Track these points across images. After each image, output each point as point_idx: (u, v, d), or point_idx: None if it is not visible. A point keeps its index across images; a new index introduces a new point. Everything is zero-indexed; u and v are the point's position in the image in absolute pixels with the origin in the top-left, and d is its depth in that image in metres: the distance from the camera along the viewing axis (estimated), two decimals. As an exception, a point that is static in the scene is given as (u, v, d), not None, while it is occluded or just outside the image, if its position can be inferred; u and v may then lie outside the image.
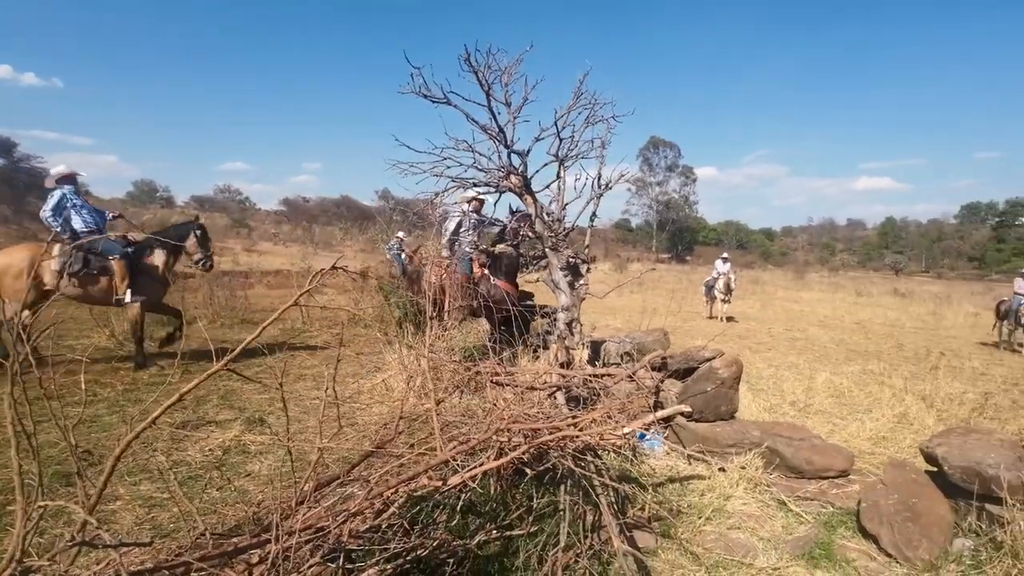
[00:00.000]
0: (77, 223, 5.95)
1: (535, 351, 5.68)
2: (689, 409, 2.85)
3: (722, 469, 3.40)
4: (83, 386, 1.96)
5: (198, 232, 6.51)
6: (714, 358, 3.77)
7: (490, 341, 3.82)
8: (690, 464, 3.60)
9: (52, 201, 5.84)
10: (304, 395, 5.20)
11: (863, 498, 2.89)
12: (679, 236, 52.41)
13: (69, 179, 6.03)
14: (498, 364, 3.31)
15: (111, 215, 6.54)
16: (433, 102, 3.42)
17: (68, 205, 5.93)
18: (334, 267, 1.68)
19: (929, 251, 56.25)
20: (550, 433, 2.40)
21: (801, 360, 8.40)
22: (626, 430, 2.75)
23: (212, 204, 49.76)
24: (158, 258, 6.30)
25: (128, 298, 5.96)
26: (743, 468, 3.36)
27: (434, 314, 5.26)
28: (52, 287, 5.75)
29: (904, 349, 10.26)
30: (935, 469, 2.96)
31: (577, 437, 2.56)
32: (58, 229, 5.85)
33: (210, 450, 3.87)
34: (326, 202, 49.47)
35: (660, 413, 2.94)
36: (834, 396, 6.15)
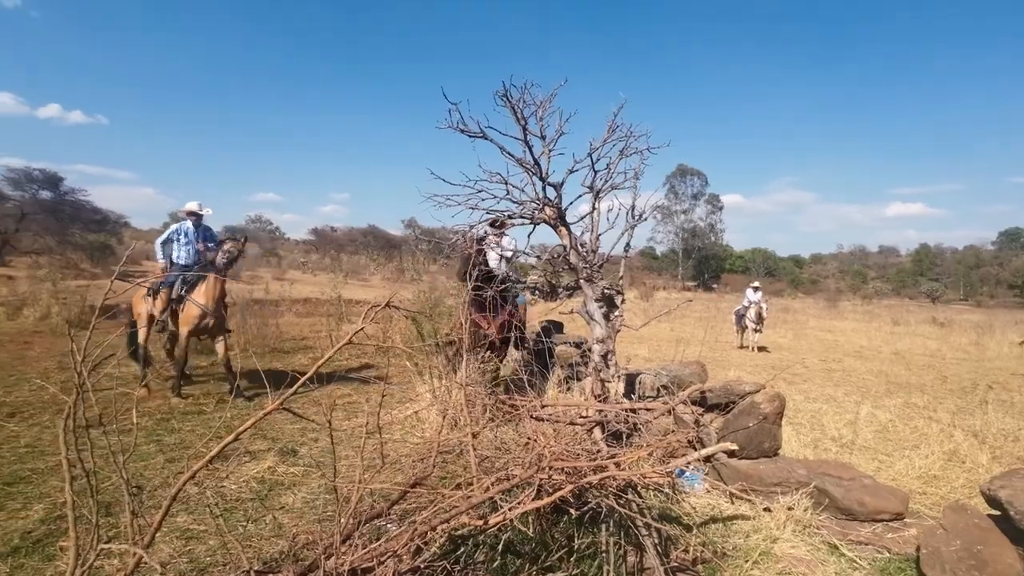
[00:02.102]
0: (175, 256, 6.55)
1: (567, 383, 5.61)
2: (735, 447, 2.75)
3: (767, 509, 3.27)
4: (135, 419, 1.96)
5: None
6: (755, 392, 3.66)
7: (526, 373, 3.77)
8: (733, 503, 3.47)
9: (163, 235, 6.59)
10: (336, 426, 5.18)
11: (922, 544, 2.73)
12: (705, 264, 51.85)
13: (194, 215, 6.63)
14: (536, 397, 3.27)
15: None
16: (470, 136, 3.48)
17: (174, 239, 6.55)
18: (388, 304, 1.67)
19: (967, 278, 54.50)
20: (594, 472, 2.34)
21: (839, 392, 8.13)
22: (670, 467, 2.67)
23: (244, 234, 51.12)
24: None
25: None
26: (790, 509, 3.22)
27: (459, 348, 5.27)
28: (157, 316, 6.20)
29: (948, 381, 9.85)
30: (998, 513, 2.79)
31: (620, 476, 2.49)
32: (162, 260, 6.52)
33: (245, 481, 3.88)
34: (353, 231, 50.38)
35: (705, 451, 2.85)
36: (878, 431, 5.91)
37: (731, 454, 3.54)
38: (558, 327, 7.47)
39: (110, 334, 6.97)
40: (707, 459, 3.57)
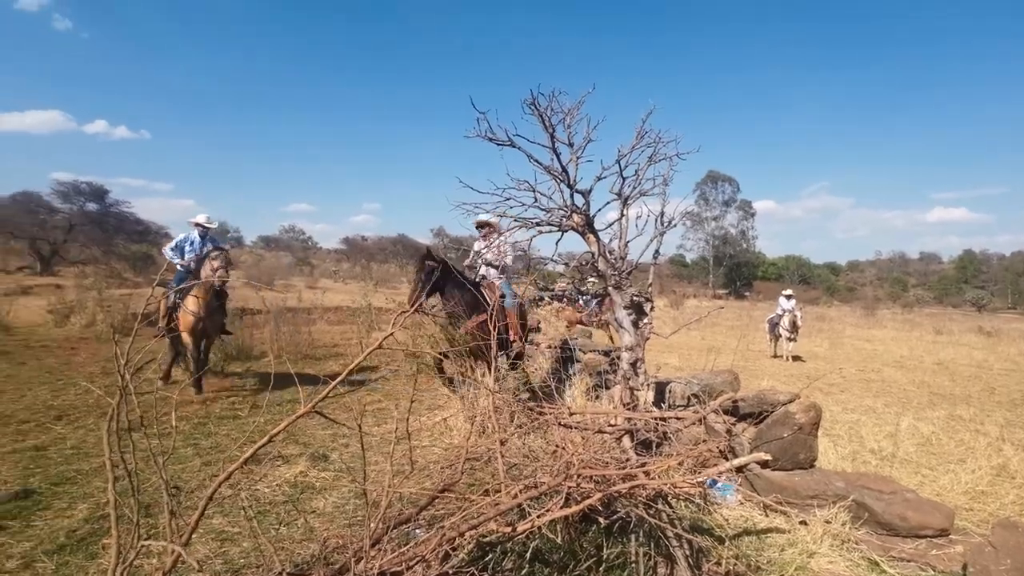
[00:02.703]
0: (179, 262, 6.98)
1: (595, 391, 5.56)
2: (768, 457, 2.69)
3: (803, 522, 3.18)
4: (174, 423, 2.02)
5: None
6: (790, 401, 3.57)
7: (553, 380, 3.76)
8: (767, 516, 3.38)
9: (172, 242, 7.11)
10: (366, 432, 5.23)
11: (970, 562, 2.61)
12: (737, 272, 50.86)
13: (200, 226, 7.07)
14: (564, 405, 3.25)
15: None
16: (498, 145, 3.51)
17: (182, 246, 7.04)
18: (416, 310, 1.69)
19: (1015, 285, 52.15)
20: (622, 481, 2.31)
21: (879, 404, 7.86)
22: (701, 477, 2.63)
23: (278, 243, 52.37)
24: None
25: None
26: (828, 523, 3.12)
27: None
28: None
29: (996, 393, 9.43)
30: (1052, 532, 2.66)
31: (649, 485, 2.46)
32: (176, 260, 6.94)
33: (277, 485, 3.95)
34: (383, 240, 51.14)
35: (738, 461, 2.79)
36: (920, 444, 5.69)
37: (764, 465, 3.46)
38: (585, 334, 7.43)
39: (151, 340, 7.19)
40: (739, 470, 3.49)
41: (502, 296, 5.62)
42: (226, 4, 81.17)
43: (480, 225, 5.85)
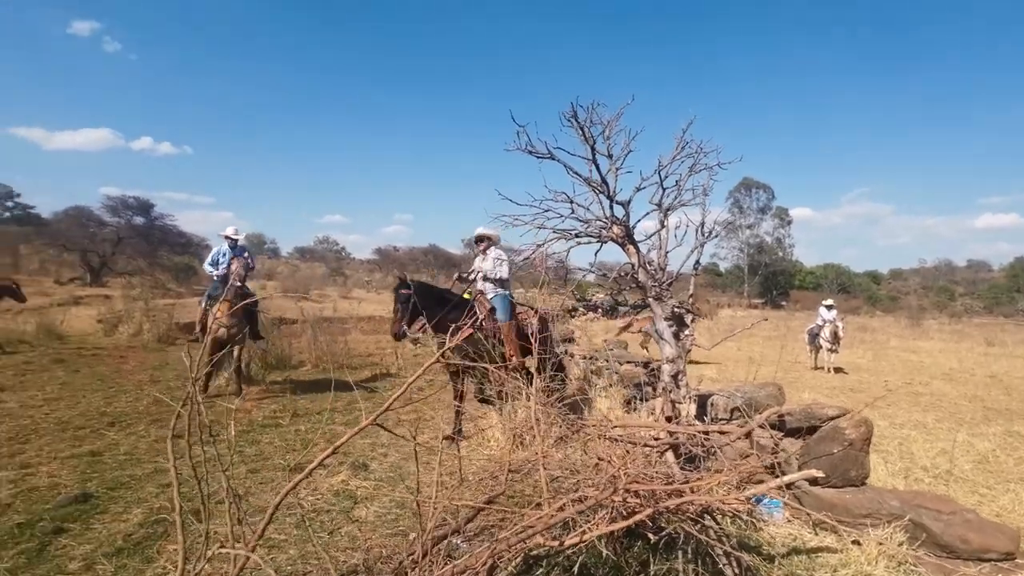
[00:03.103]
0: (214, 273, 7.49)
1: (631, 404, 5.50)
2: (821, 474, 2.61)
3: (856, 542, 3.07)
4: (232, 431, 2.08)
5: None
6: (839, 416, 3.47)
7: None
8: (816, 534, 3.28)
9: (209, 257, 7.67)
10: (407, 442, 5.26)
11: (1040, 588, 2.48)
12: (773, 280, 49.65)
13: (229, 239, 7.66)
14: (606, 418, 3.23)
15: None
16: (537, 157, 3.53)
17: (217, 259, 7.55)
18: (473, 327, 1.72)
19: (1072, 294, 49.49)
20: (670, 496, 2.28)
21: (929, 419, 7.56)
22: (750, 493, 2.57)
23: (312, 254, 53.50)
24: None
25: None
26: (882, 543, 3.00)
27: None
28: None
29: (1056, 408, 8.96)
30: None
31: (697, 501, 2.42)
32: (212, 271, 7.46)
33: (320, 494, 4.02)
34: (415, 251, 51.65)
35: (789, 477, 2.72)
36: (977, 462, 5.45)
37: (813, 481, 3.36)
38: (621, 346, 7.36)
39: (196, 349, 7.39)
40: (787, 486, 3.40)
41: (491, 310, 5.51)
42: (264, 25, 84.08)
43: (479, 239, 5.81)
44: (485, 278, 5.64)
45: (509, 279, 5.70)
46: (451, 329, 3.95)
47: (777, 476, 3.33)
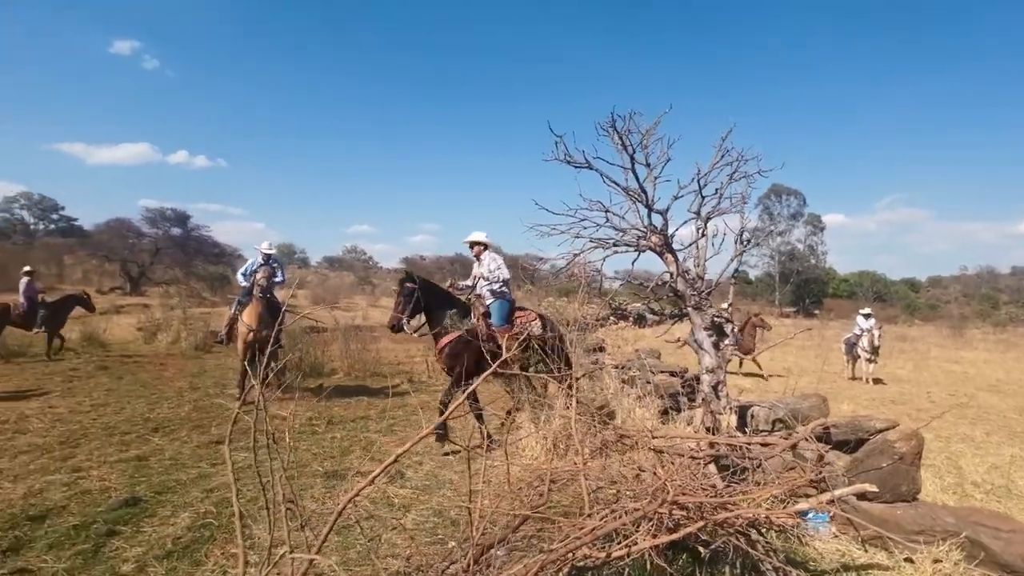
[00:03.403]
0: (245, 283, 7.80)
1: (666, 414, 5.42)
2: (874, 488, 2.54)
3: (909, 560, 2.97)
4: (288, 439, 2.13)
5: None
6: (888, 429, 3.37)
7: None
8: (865, 550, 3.19)
9: (243, 268, 8.02)
10: (439, 450, 5.28)
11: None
12: (805, 288, 48.48)
13: (264, 253, 8.02)
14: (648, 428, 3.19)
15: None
16: (575, 167, 3.54)
17: (250, 270, 7.84)
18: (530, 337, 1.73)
19: (1126, 302, 47.18)
20: (716, 509, 2.24)
21: (977, 432, 7.28)
22: (800, 507, 2.51)
23: (341, 263, 54.31)
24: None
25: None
26: (937, 561, 2.90)
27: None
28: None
29: (1114, 422, 8.54)
30: None
31: (744, 514, 2.37)
32: (245, 283, 7.78)
33: (357, 501, 4.05)
34: (441, 260, 52.03)
35: (841, 491, 2.65)
36: (1031, 477, 5.21)
37: (862, 496, 3.27)
38: (654, 355, 7.27)
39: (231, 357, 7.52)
40: (835, 501, 3.31)
41: (485, 314, 5.44)
42: (293, 43, 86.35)
43: (472, 245, 5.77)
44: (485, 281, 5.56)
45: (510, 279, 5.64)
46: (505, 338, 3.95)
47: (823, 490, 3.25)
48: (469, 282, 5.87)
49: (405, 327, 5.36)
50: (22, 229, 38.38)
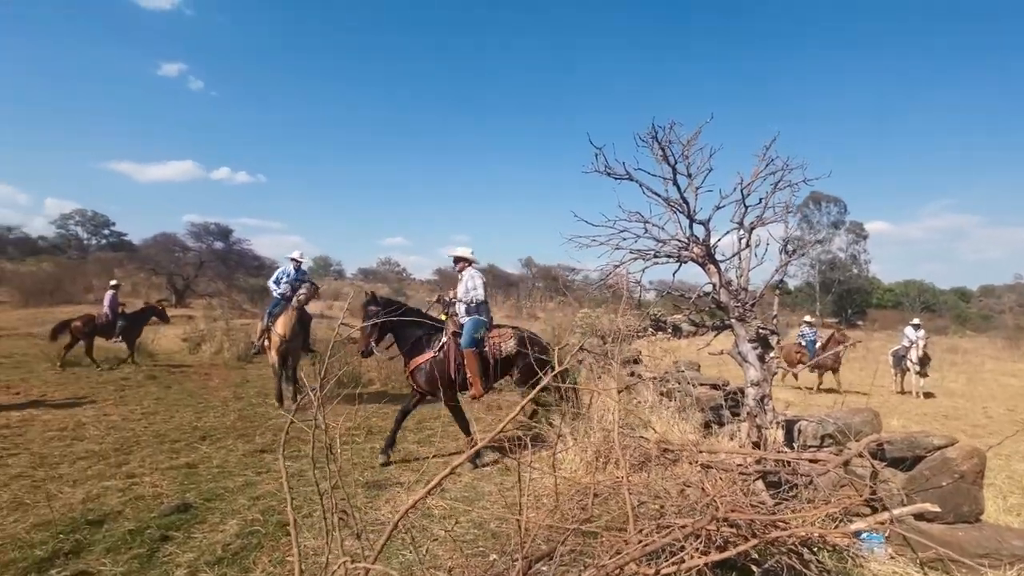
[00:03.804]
0: (277, 292, 8.14)
1: (707, 428, 5.31)
2: (937, 508, 2.43)
3: (974, 585, 2.82)
4: (338, 450, 2.16)
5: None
6: (947, 446, 3.22)
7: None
8: (925, 574, 3.04)
9: (273, 276, 8.31)
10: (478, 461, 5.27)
11: None
12: (847, 298, 46.91)
13: (295, 261, 8.39)
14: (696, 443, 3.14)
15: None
16: (615, 179, 3.54)
17: (281, 278, 8.17)
18: (582, 347, 1.73)
19: None
20: (770, 527, 2.18)
21: (1041, 450, 6.88)
22: (856, 527, 2.42)
23: (375, 275, 55.18)
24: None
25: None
26: (1005, 587, 2.75)
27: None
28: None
29: None
30: None
31: (797, 533, 2.30)
32: (276, 292, 8.12)
33: (399, 511, 4.08)
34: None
35: (903, 509, 2.55)
36: (1104, 500, 4.90)
37: (920, 516, 3.13)
38: (694, 367, 7.15)
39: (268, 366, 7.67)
40: (892, 520, 3.18)
41: (454, 334, 5.36)
42: (328, 60, 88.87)
43: (456, 260, 5.69)
44: (460, 301, 5.49)
45: (486, 300, 5.52)
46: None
47: (878, 509, 3.13)
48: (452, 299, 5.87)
49: (375, 351, 5.39)
50: (76, 244, 40.38)
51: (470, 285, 5.47)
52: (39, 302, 23.89)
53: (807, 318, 14.15)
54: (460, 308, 5.48)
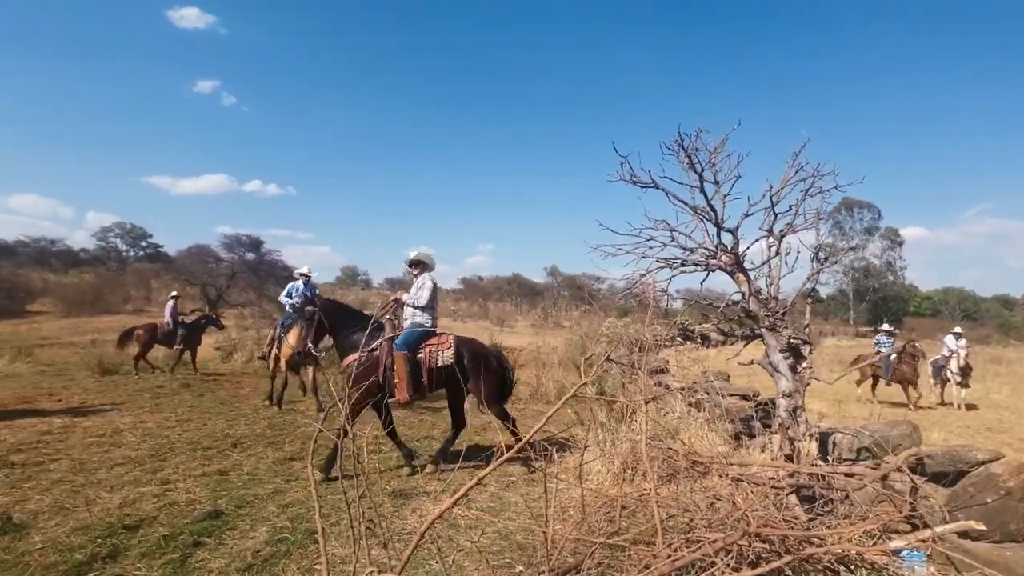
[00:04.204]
0: (288, 305, 8.65)
1: (737, 440, 5.19)
2: (982, 526, 2.33)
3: (1023, 608, 2.69)
4: (365, 463, 2.18)
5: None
6: (992, 460, 3.10)
7: None
8: (970, 595, 2.91)
9: (285, 290, 8.94)
10: (503, 471, 5.25)
11: None
12: (883, 306, 45.48)
13: (304, 276, 8.95)
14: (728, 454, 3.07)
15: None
16: (641, 187, 3.52)
17: (292, 292, 8.75)
18: (609, 358, 1.72)
19: None
20: (808, 543, 2.12)
21: (1094, 465, 6.54)
22: (896, 545, 2.34)
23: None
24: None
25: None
26: (1058, 611, 2.61)
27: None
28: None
29: None
30: None
31: (833, 549, 2.23)
32: (287, 303, 8.68)
33: (425, 520, 4.08)
34: (499, 280, 52.54)
35: (945, 527, 2.45)
36: None
37: (963, 534, 3.00)
38: (723, 378, 7.02)
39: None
40: (933, 538, 3.05)
41: (390, 338, 5.25)
42: (354, 74, 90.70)
43: (412, 264, 5.59)
44: (407, 305, 5.42)
45: (429, 306, 5.41)
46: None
47: (919, 525, 3.02)
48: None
49: (312, 351, 5.40)
50: (115, 256, 41.84)
51: (414, 291, 5.47)
52: (80, 312, 24.80)
53: (884, 327, 13.01)
54: (407, 311, 5.46)
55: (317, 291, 8.80)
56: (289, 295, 8.77)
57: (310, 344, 5.37)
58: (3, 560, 3.21)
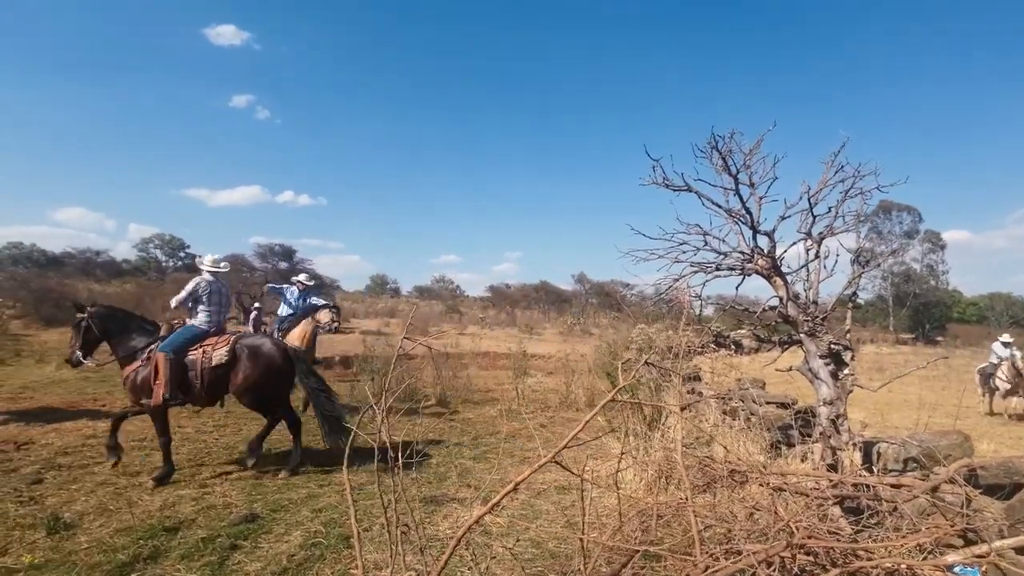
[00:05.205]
0: (280, 310, 9.20)
1: (775, 449, 5.04)
2: (1045, 543, 2.20)
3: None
4: (400, 472, 2.18)
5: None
6: (1051, 473, 2.93)
7: None
8: (1030, 615, 2.75)
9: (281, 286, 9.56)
10: (535, 480, 5.22)
11: None
12: (925, 312, 43.86)
13: (302, 284, 9.32)
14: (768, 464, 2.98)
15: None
16: (674, 191, 3.46)
17: (290, 298, 9.14)
18: (647, 362, 1.68)
19: None
20: (854, 557, 2.03)
21: None
22: (951, 560, 2.23)
23: (429, 293, 56.24)
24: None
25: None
26: None
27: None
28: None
29: None
30: None
31: (883, 564, 2.13)
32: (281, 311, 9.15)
33: (458, 527, 4.08)
34: (526, 287, 52.55)
35: (1002, 542, 2.33)
36: None
37: (1022, 550, 2.84)
38: (759, 384, 6.85)
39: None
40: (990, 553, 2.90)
41: (162, 338, 5.19)
42: (382, 86, 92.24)
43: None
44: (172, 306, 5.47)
45: (199, 307, 5.36)
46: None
47: (972, 540, 2.87)
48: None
49: (83, 360, 5.23)
50: (155, 266, 43.27)
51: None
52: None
53: (1005, 337, 11.88)
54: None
55: (310, 299, 8.96)
56: (285, 301, 9.13)
57: (78, 353, 5.21)
58: (52, 559, 3.32)
